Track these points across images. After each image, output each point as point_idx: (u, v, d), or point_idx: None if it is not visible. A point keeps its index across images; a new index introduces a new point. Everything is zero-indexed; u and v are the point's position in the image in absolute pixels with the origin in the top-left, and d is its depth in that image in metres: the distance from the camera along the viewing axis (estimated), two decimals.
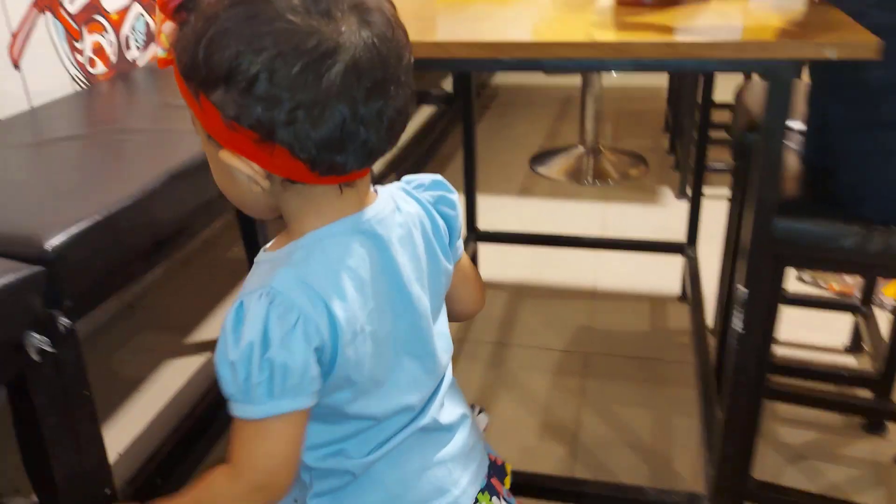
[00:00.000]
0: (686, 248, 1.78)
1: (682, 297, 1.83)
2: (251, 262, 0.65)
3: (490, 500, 0.72)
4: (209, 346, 1.76)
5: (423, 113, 3.54)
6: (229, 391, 0.57)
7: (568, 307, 1.86)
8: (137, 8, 1.92)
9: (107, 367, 1.67)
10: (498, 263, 2.03)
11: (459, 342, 1.73)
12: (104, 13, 1.81)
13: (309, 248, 0.59)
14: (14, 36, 1.55)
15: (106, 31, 1.82)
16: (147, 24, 1.97)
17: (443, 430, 0.70)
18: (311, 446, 0.64)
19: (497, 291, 1.94)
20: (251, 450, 0.58)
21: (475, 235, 1.94)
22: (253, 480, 0.59)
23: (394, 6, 0.58)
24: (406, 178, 0.70)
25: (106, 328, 1.81)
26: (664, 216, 2.34)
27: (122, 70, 1.88)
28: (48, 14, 1.63)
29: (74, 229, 1.03)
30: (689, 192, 2.38)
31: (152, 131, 1.46)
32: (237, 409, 0.57)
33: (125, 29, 1.88)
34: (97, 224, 1.07)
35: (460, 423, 0.71)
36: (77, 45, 1.73)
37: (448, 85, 3.94)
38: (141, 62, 1.96)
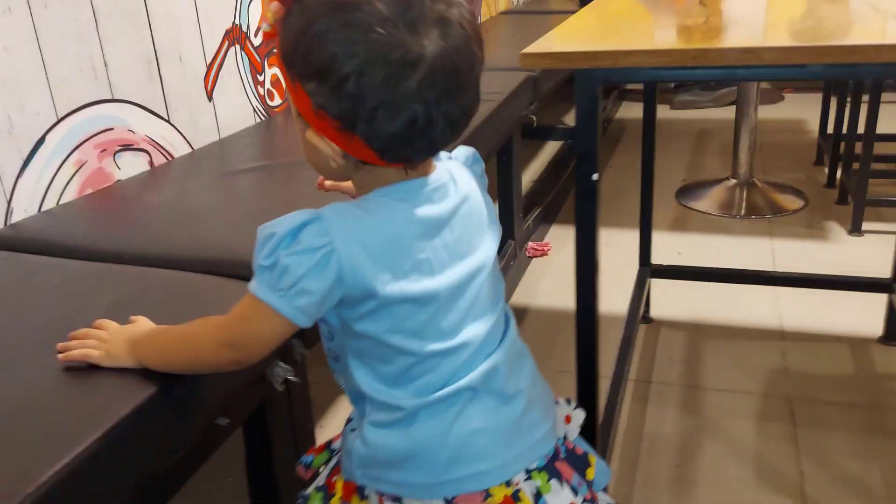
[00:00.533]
0: (894, 285, 1.63)
1: (887, 339, 1.68)
2: None
3: (548, 481, 0.72)
4: None
5: (550, 147, 3.49)
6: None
7: (755, 348, 1.73)
8: None
9: None
10: (670, 300, 1.92)
11: (644, 384, 1.63)
12: None
13: (368, 201, 0.67)
14: (209, 68, 1.58)
15: None
16: None
17: (497, 398, 0.72)
18: (371, 380, 0.70)
19: (673, 330, 1.83)
20: (242, 314, 0.68)
21: (649, 271, 1.84)
22: (229, 336, 0.68)
23: (475, 18, 0.64)
24: (454, 152, 0.77)
25: None
26: (838, 252, 2.19)
27: None
28: (237, 47, 1.66)
29: None
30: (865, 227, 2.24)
31: None
32: (251, 283, 0.66)
33: None
34: None
35: (517, 397, 0.73)
36: (259, 77, 1.75)
37: (570, 119, 3.89)
38: None
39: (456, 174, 0.72)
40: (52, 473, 0.61)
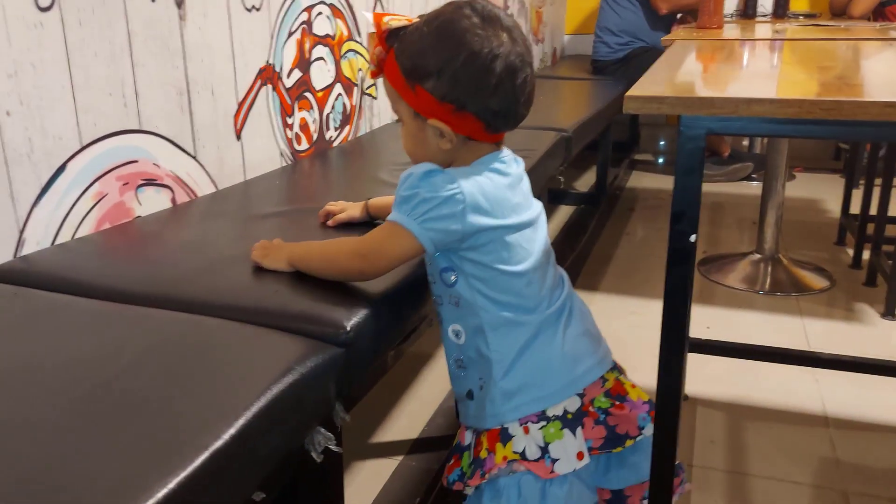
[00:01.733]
0: None
1: None
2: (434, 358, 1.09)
3: (618, 375, 0.98)
4: (398, 447, 1.59)
5: (562, 213, 3.42)
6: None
7: (799, 434, 1.62)
8: (339, 88, 1.88)
9: None
10: (703, 376, 1.82)
11: (686, 468, 1.50)
12: (312, 90, 1.76)
13: (472, 167, 0.89)
14: (240, 106, 1.50)
15: (312, 108, 1.77)
16: (344, 105, 1.92)
17: (577, 316, 0.96)
18: (494, 306, 0.89)
19: (710, 409, 1.72)
20: (376, 234, 0.89)
21: (687, 345, 1.73)
22: (361, 248, 0.90)
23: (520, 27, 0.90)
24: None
25: None
26: (873, 336, 2.10)
27: (320, 149, 1.82)
28: (268, 87, 1.59)
29: (364, 309, 0.90)
30: None
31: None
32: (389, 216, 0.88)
33: (327, 108, 1.83)
34: (382, 302, 0.93)
35: (586, 316, 0.99)
36: (288, 120, 1.67)
37: (582, 185, 3.84)
38: (336, 142, 1.90)
39: (515, 156, 0.96)
40: None
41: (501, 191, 0.88)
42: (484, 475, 0.89)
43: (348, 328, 0.84)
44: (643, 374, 1.80)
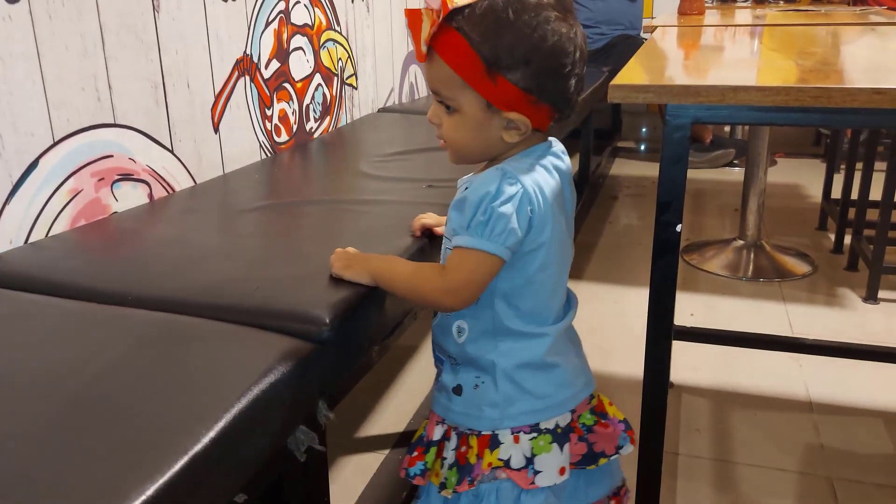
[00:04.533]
0: None
1: None
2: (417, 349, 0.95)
3: (598, 393, 0.96)
4: (383, 441, 1.58)
5: None
6: (453, 227, 0.83)
7: (784, 420, 1.63)
8: (318, 79, 1.85)
9: None
10: (687, 363, 1.82)
11: (672, 456, 1.51)
12: (291, 81, 1.73)
13: (523, 160, 0.83)
14: (217, 97, 1.47)
15: (291, 99, 1.74)
16: (324, 96, 1.89)
17: (575, 336, 0.95)
18: (513, 315, 0.85)
19: (695, 396, 1.72)
20: (459, 267, 0.82)
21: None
22: (449, 285, 0.82)
23: None
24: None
25: None
26: (855, 320, 2.11)
27: (301, 140, 1.80)
28: (246, 78, 1.56)
29: (344, 305, 0.88)
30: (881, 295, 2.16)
31: (362, 205, 1.33)
32: (458, 240, 0.81)
33: (306, 99, 1.81)
34: (365, 298, 0.91)
35: (579, 340, 0.95)
36: (267, 111, 1.64)
37: None
38: (316, 133, 1.88)
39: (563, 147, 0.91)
40: None
41: (558, 189, 0.84)
42: (472, 482, 0.87)
43: (329, 325, 0.82)
44: (624, 362, 1.81)
